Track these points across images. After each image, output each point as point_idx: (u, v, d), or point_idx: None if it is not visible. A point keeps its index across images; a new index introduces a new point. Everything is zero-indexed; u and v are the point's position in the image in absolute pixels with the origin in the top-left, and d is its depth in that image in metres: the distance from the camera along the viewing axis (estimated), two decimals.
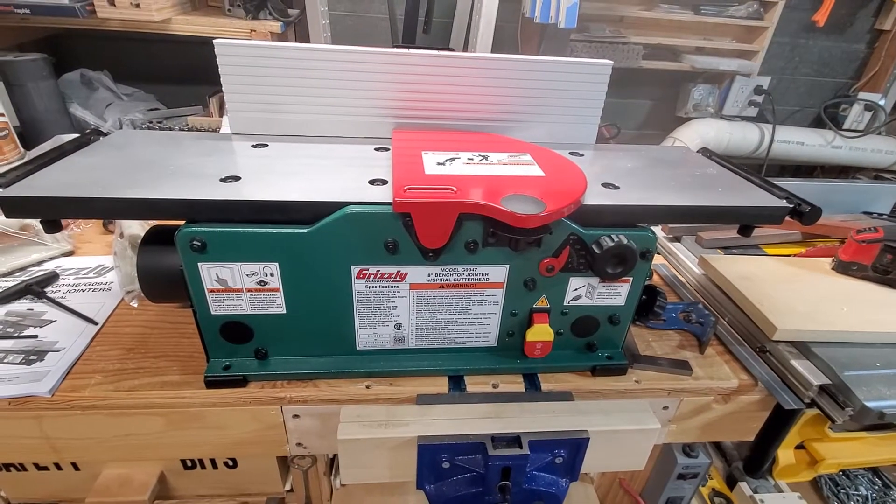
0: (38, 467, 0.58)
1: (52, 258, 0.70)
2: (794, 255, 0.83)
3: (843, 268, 0.71)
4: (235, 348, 0.50)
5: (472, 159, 0.50)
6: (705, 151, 0.65)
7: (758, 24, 1.54)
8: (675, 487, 0.68)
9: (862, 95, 1.71)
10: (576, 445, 0.48)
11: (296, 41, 1.32)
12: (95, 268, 0.69)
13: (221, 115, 1.21)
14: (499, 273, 0.48)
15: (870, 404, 0.50)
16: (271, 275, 0.45)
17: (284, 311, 0.47)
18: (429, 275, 0.47)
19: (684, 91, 1.72)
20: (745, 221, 0.51)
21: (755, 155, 1.70)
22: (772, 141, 1.65)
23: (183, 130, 1.14)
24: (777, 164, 1.82)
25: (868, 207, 0.96)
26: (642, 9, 1.49)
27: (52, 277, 0.65)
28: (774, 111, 1.66)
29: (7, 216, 0.41)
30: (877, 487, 0.79)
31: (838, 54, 1.77)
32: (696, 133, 1.62)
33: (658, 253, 0.85)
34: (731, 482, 0.72)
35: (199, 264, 0.43)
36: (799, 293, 0.65)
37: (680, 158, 0.62)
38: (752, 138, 1.67)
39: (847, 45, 1.75)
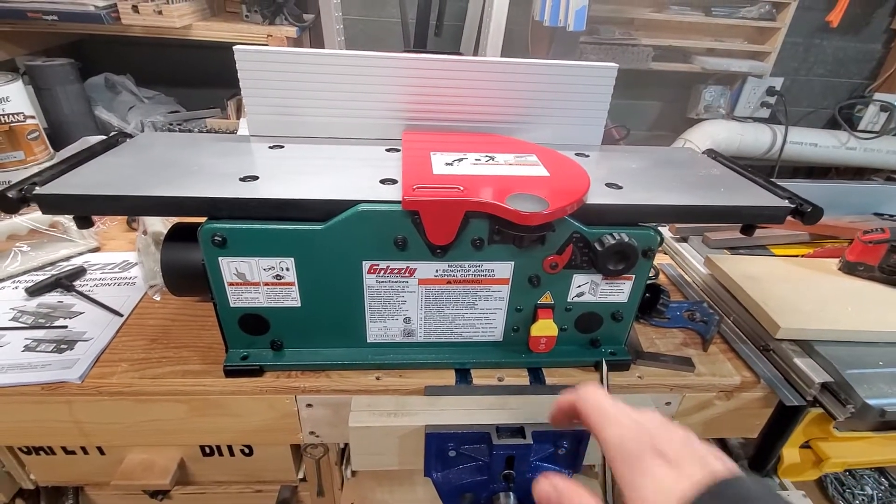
0: (66, 451, 0.61)
1: (80, 254, 0.74)
2: (802, 256, 0.83)
3: (849, 268, 0.71)
4: (253, 339, 0.52)
5: (479, 160, 0.52)
6: (710, 152, 0.66)
7: (770, 24, 1.53)
8: None
9: (877, 96, 1.69)
10: (578, 437, 0.50)
11: (311, 45, 1.35)
12: (120, 263, 0.72)
13: (239, 117, 1.25)
14: (504, 269, 0.50)
15: (871, 402, 0.51)
16: (287, 269, 0.47)
17: (299, 305, 0.50)
18: (437, 271, 0.49)
19: (695, 92, 1.72)
20: (747, 221, 0.52)
21: (767, 156, 1.69)
22: (784, 142, 1.64)
23: (202, 132, 1.18)
24: (790, 165, 1.80)
25: (879, 209, 0.95)
26: (652, 11, 1.49)
27: (79, 272, 0.69)
28: (787, 112, 1.65)
29: (44, 213, 0.44)
30: (883, 488, 0.79)
31: (853, 55, 1.75)
32: (707, 134, 1.62)
33: (665, 253, 0.86)
34: None
35: (220, 259, 0.46)
36: (804, 293, 0.65)
37: (685, 159, 0.63)
38: (765, 139, 1.67)
39: (862, 45, 1.74)
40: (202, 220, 0.45)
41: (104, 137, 0.57)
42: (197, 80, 1.47)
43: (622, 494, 0.28)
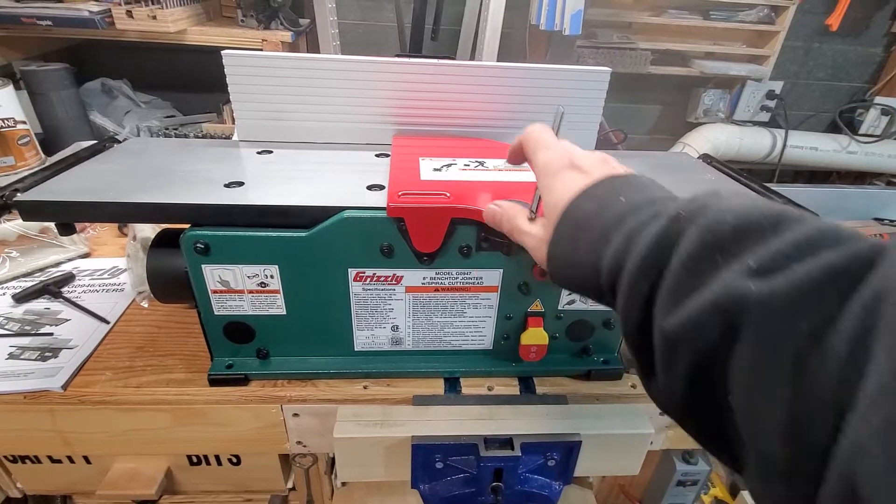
0: (52, 460, 0.60)
1: (70, 260, 0.73)
2: None
3: None
4: (238, 348, 0.51)
5: (468, 165, 0.51)
6: (705, 157, 0.66)
7: (769, 28, 1.52)
8: (675, 494, 0.68)
9: (878, 100, 1.68)
10: (568, 449, 0.49)
11: (307, 50, 1.35)
12: (110, 269, 0.72)
13: (234, 122, 1.25)
14: (493, 277, 0.49)
15: None
16: (271, 277, 0.47)
17: (284, 313, 0.49)
18: (424, 278, 0.48)
19: (694, 96, 1.71)
20: None
21: (768, 160, 1.68)
22: (784, 146, 1.63)
23: (198, 137, 1.17)
24: (791, 169, 1.79)
25: (879, 214, 0.94)
26: (650, 14, 1.49)
27: (68, 278, 0.68)
28: (787, 116, 1.64)
29: (24, 219, 0.44)
30: None
31: (853, 58, 1.74)
32: (707, 138, 1.61)
33: None
34: (735, 491, 0.71)
35: (203, 266, 0.45)
36: None
37: (679, 164, 0.63)
38: (765, 143, 1.65)
39: (863, 48, 1.73)
40: (188, 225, 0.45)
41: (94, 143, 0.57)
42: (194, 84, 1.46)
43: (543, 202, 0.33)
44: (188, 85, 1.48)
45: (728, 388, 0.20)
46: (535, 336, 0.51)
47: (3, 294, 0.64)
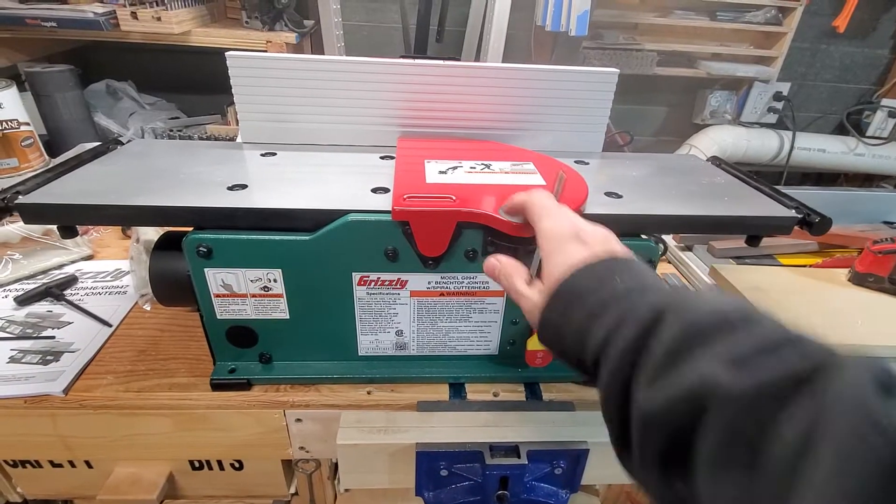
0: (53, 464, 0.60)
1: (73, 262, 0.73)
2: (810, 266, 0.81)
3: (858, 279, 0.69)
4: (241, 352, 0.51)
5: (474, 168, 0.50)
6: (714, 160, 0.65)
7: (776, 29, 1.51)
8: None
9: (885, 102, 1.66)
10: (575, 457, 0.48)
11: (311, 52, 1.35)
12: (113, 272, 0.71)
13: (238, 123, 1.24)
14: None
15: None
16: (274, 281, 0.46)
17: (288, 317, 0.48)
18: (429, 282, 0.47)
19: (701, 97, 1.70)
20: (752, 231, 0.50)
21: (775, 162, 1.67)
22: (792, 148, 1.62)
23: (202, 139, 1.17)
24: (798, 171, 1.77)
25: (888, 217, 0.93)
26: (657, 16, 1.47)
27: (71, 280, 0.68)
28: (794, 118, 1.62)
29: (25, 222, 0.43)
30: None
31: (860, 60, 1.72)
32: (713, 140, 1.60)
33: (669, 262, 0.84)
34: None
35: (205, 270, 0.45)
36: (812, 305, 0.63)
37: (687, 167, 0.62)
38: (772, 145, 1.64)
39: (870, 50, 1.71)
40: (191, 229, 0.44)
41: (97, 145, 0.56)
42: (198, 86, 1.46)
43: (543, 268, 0.34)
44: (193, 86, 1.48)
45: (693, 465, 0.22)
46: None
47: (6, 297, 0.64)
